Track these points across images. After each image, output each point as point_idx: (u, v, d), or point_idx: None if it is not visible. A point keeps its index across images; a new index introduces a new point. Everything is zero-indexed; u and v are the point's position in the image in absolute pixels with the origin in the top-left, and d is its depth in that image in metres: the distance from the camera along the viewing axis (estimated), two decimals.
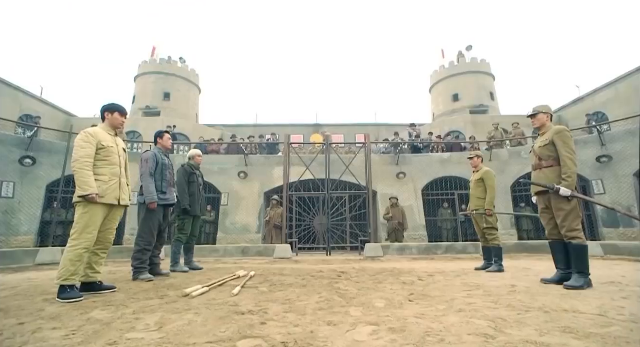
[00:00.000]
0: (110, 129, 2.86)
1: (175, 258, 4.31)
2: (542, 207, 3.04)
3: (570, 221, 2.78)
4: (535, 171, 3.08)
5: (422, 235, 9.89)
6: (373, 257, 6.99)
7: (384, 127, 22.65)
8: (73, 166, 2.56)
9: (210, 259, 6.95)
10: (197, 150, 4.81)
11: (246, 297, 2.54)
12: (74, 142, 2.66)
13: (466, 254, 7.04)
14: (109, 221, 2.76)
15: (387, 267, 4.96)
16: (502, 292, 2.58)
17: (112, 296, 2.59)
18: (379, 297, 2.50)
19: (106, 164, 2.71)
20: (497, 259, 4.11)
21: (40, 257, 6.06)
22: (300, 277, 3.70)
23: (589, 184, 8.75)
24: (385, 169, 10.62)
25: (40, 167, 8.59)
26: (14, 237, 7.81)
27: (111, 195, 2.69)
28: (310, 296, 2.58)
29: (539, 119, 3.11)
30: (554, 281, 2.91)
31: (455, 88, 21.38)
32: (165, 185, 3.72)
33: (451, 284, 3.16)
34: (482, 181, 4.31)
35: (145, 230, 3.51)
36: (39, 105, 15.26)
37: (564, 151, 2.84)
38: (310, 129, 22.88)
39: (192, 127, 17.63)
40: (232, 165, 10.83)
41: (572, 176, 2.77)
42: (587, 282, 2.68)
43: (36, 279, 4.17)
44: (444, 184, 10.59)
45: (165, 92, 21.50)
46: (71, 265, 2.45)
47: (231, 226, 10.19)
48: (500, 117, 16.08)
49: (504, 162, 10.31)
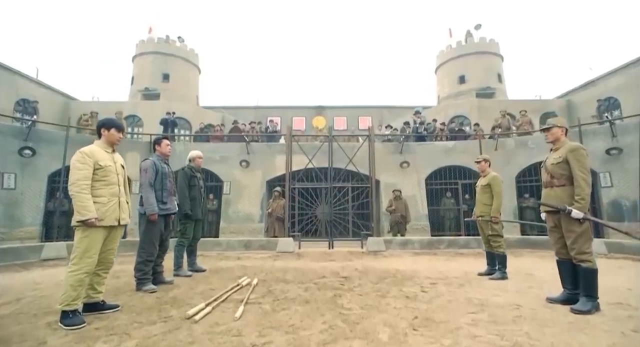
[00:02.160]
0: (107, 146, 2.76)
1: (178, 262, 4.31)
2: (551, 225, 2.95)
3: (581, 243, 2.70)
4: (546, 189, 2.97)
5: (424, 225, 9.91)
6: (375, 252, 7.02)
7: (387, 109, 22.26)
8: (70, 189, 2.48)
9: (213, 252, 7.01)
10: (198, 151, 4.70)
11: (249, 321, 2.52)
12: (70, 162, 2.56)
13: (468, 248, 7.05)
14: (110, 241, 2.72)
15: (390, 268, 4.97)
16: (507, 317, 2.55)
17: (114, 318, 2.58)
18: (383, 323, 2.47)
19: (104, 184, 2.62)
20: (501, 266, 4.08)
21: (45, 253, 6.12)
22: (302, 287, 3.69)
23: (596, 176, 8.61)
24: (389, 158, 10.49)
25: (40, 158, 8.52)
26: (19, 228, 7.87)
27: (111, 216, 2.63)
28: (313, 320, 2.56)
29: (553, 133, 2.96)
30: (560, 301, 2.88)
31: (461, 69, 20.75)
32: (166, 194, 3.65)
33: (455, 299, 3.13)
34: (488, 186, 4.21)
35: (147, 241, 3.48)
36: (35, 88, 14.95)
37: (578, 171, 2.72)
38: (312, 111, 22.52)
39: (193, 110, 17.36)
40: (233, 154, 10.72)
41: (585, 198, 2.67)
42: (595, 306, 2.65)
43: (41, 282, 4.20)
44: (448, 173, 10.49)
45: (164, 73, 21.01)
46: (72, 290, 2.43)
47: (233, 214, 10.23)
48: (507, 101, 15.68)
49: (510, 151, 10.13)
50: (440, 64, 22.31)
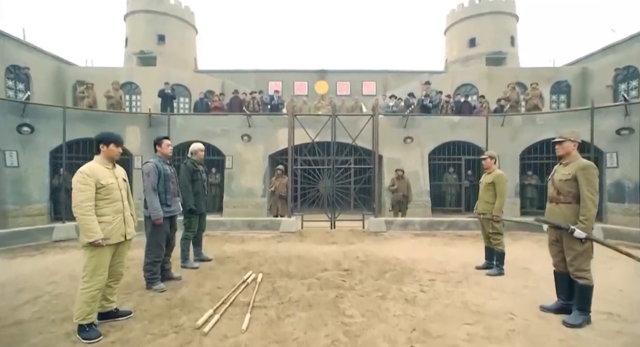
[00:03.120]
0: (107, 162, 2.71)
1: (185, 255, 4.45)
2: (553, 239, 2.98)
3: (580, 261, 2.75)
4: (551, 204, 2.95)
5: (425, 201, 10.03)
6: (376, 233, 7.19)
7: (393, 74, 21.42)
8: (74, 212, 2.49)
9: (218, 232, 7.20)
10: (199, 144, 4.63)
11: (255, 333, 2.66)
12: (72, 183, 2.53)
13: (468, 230, 7.19)
14: (118, 255, 2.78)
15: (390, 257, 5.11)
16: (501, 331, 2.68)
17: (129, 329, 2.72)
18: (382, 336, 2.61)
19: (108, 202, 2.62)
20: (499, 262, 4.20)
21: (56, 235, 6.32)
22: (305, 284, 3.84)
23: (602, 156, 8.51)
24: (392, 133, 10.31)
25: (39, 134, 8.44)
26: (27, 205, 8.03)
27: (117, 233, 2.67)
28: (317, 331, 2.70)
29: (564, 146, 2.87)
30: (553, 310, 3.00)
31: (472, 31, 19.59)
32: (170, 197, 3.66)
33: (452, 303, 3.27)
34: (492, 184, 4.18)
35: (153, 244, 3.56)
36: (24, 52, 14.22)
37: (586, 191, 2.68)
38: (314, 76, 21.70)
39: (191, 76, 16.74)
40: (234, 127, 10.56)
41: (590, 219, 2.66)
42: (586, 319, 2.76)
43: (55, 272, 4.37)
44: (452, 148, 10.38)
45: (159, 34, 19.99)
46: (86, 306, 2.54)
47: (236, 189, 10.33)
48: (518, 69, 14.98)
49: (517, 128, 9.91)
50: (450, 25, 21.02)
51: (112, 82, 11.23)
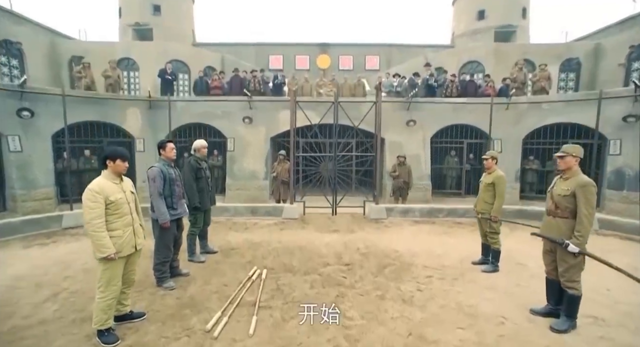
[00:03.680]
0: (114, 177, 2.77)
1: (191, 249, 4.63)
2: (547, 248, 3.09)
3: (572, 273, 2.87)
4: (548, 217, 3.02)
5: (426, 184, 10.12)
6: (377, 219, 7.36)
7: (397, 47, 20.71)
8: (86, 228, 2.58)
9: (222, 218, 7.37)
10: (202, 141, 4.64)
11: (262, 337, 2.85)
12: (82, 201, 2.61)
13: (467, 218, 7.33)
14: (130, 264, 2.92)
15: (389, 249, 5.28)
16: (492, 336, 2.87)
17: (144, 332, 2.91)
18: (381, 341, 2.80)
19: (117, 217, 2.71)
20: (494, 260, 4.36)
21: (65, 222, 6.51)
22: (308, 281, 4.02)
23: (606, 142, 8.45)
24: (395, 116, 10.20)
25: (40, 118, 8.38)
26: (35, 190, 8.16)
27: (127, 246, 2.78)
28: (319, 335, 2.89)
29: (566, 161, 2.89)
30: (542, 313, 3.18)
31: (482, 2, 18.63)
32: (175, 200, 3.75)
33: (447, 305, 3.45)
34: (492, 185, 4.24)
35: (162, 246, 3.70)
36: (14, 24, 13.59)
37: (584, 208, 2.74)
38: (316, 49, 21.02)
39: (190, 52, 16.22)
40: (236, 108, 10.43)
41: (584, 236, 2.75)
42: (572, 325, 2.94)
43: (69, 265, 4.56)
44: (454, 131, 10.30)
45: (154, 4, 19.09)
46: (103, 313, 2.71)
47: (239, 172, 10.41)
48: (527, 46, 14.40)
49: (521, 112, 9.75)
50: None
51: (109, 61, 10.96)
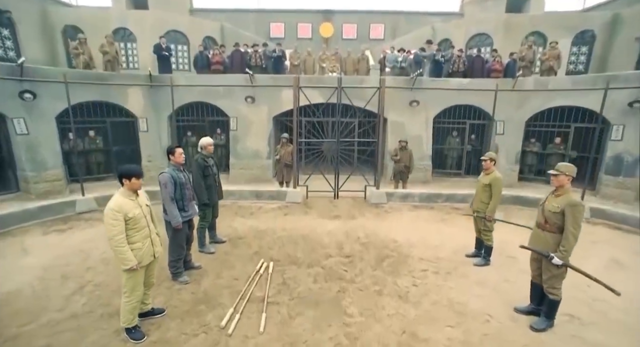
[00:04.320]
0: (130, 194, 2.95)
1: (202, 241, 4.93)
2: (534, 257, 3.33)
3: (554, 281, 3.14)
4: (538, 230, 3.23)
5: (426, 165, 10.26)
6: (377, 204, 7.62)
7: (404, 15, 19.76)
8: (110, 244, 2.81)
9: (228, 202, 7.62)
10: (208, 139, 4.75)
11: (272, 335, 3.19)
12: (104, 219, 2.81)
13: (465, 203, 7.56)
14: (149, 270, 3.21)
15: (388, 240, 5.57)
16: (477, 335, 3.21)
17: (166, 329, 3.26)
18: (377, 339, 3.14)
19: (136, 231, 2.93)
20: (486, 255, 4.65)
21: (79, 207, 6.82)
22: (312, 275, 4.34)
23: (608, 127, 8.45)
24: (398, 96, 10.07)
25: (42, 100, 8.36)
26: (44, 172, 8.36)
27: (147, 255, 3.04)
28: (322, 332, 3.23)
29: (559, 180, 3.04)
30: (524, 312, 3.51)
31: None
32: (186, 202, 3.96)
33: (439, 301, 3.78)
34: (489, 186, 4.40)
35: (175, 244, 3.97)
36: None
37: (570, 226, 2.93)
38: (319, 17, 20.09)
39: (188, 21, 15.58)
40: (238, 87, 10.30)
41: (568, 250, 2.96)
42: (550, 325, 3.27)
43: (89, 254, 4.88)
44: (457, 112, 10.24)
45: None
46: (129, 314, 3.04)
47: (242, 151, 10.53)
48: (539, 17, 13.75)
49: (526, 93, 9.61)
50: None
51: (105, 35, 10.63)
